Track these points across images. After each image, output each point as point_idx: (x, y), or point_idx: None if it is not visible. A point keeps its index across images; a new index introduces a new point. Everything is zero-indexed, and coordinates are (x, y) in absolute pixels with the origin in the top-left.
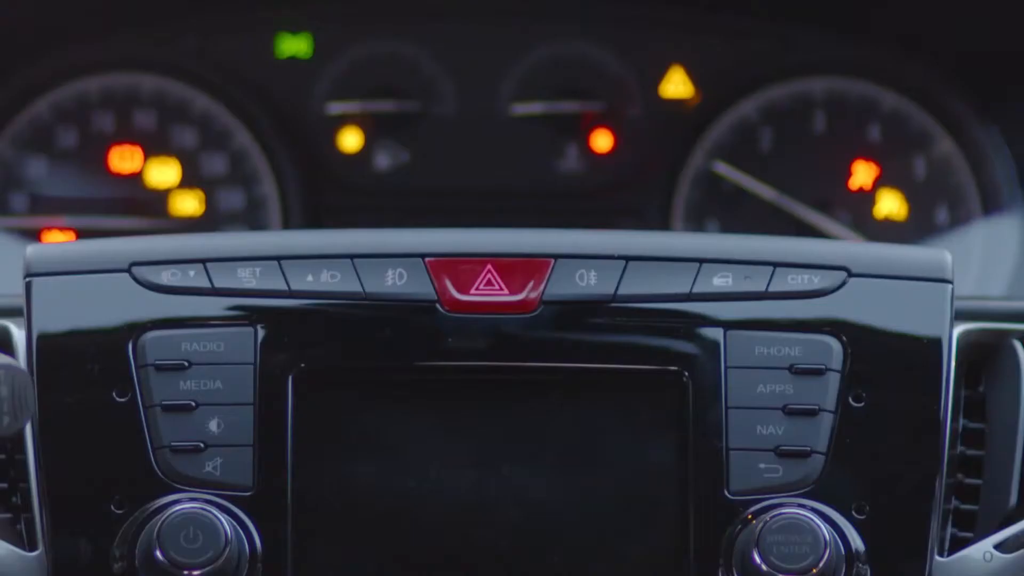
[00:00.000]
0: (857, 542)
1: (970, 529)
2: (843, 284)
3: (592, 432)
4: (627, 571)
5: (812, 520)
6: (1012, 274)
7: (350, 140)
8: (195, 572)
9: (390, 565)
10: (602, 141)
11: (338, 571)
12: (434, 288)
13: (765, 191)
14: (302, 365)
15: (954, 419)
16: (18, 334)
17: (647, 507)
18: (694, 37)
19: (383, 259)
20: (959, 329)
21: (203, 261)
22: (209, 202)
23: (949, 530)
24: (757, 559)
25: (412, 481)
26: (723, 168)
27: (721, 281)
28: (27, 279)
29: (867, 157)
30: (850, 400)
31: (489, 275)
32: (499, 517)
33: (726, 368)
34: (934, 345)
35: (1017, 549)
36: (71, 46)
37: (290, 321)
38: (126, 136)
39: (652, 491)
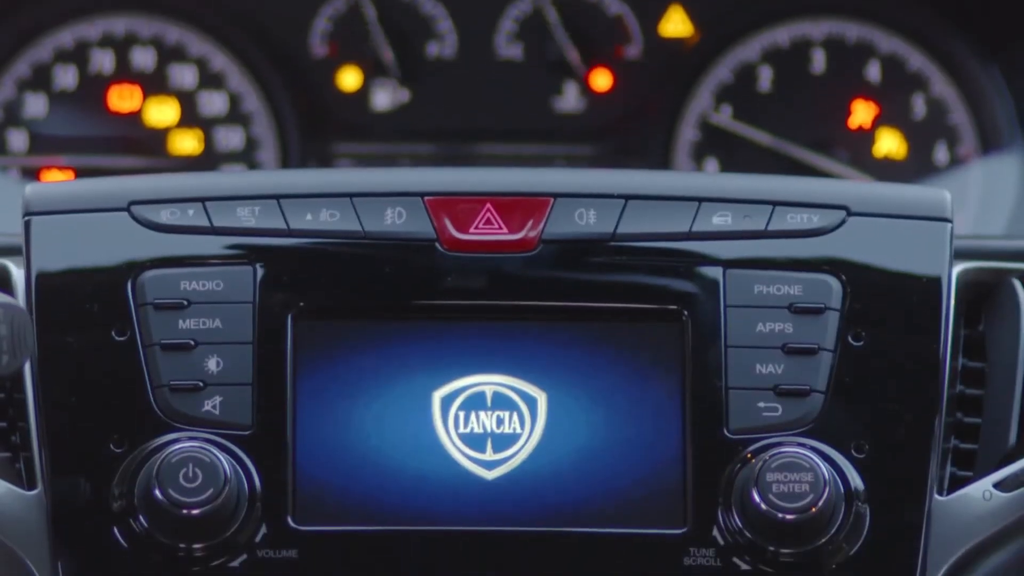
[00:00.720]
0: (856, 481)
1: (969, 468)
2: (842, 223)
3: (591, 371)
4: (625, 510)
5: (811, 459)
6: (1011, 213)
7: (349, 80)
8: (194, 511)
9: (390, 503)
10: (601, 80)
11: (338, 510)
12: (433, 227)
13: (763, 137)
14: (301, 304)
15: (953, 358)
16: (17, 273)
17: (646, 446)
18: None
19: (382, 198)
20: (958, 268)
21: (202, 200)
22: (208, 141)
23: (948, 469)
24: (756, 498)
25: (411, 418)
26: (720, 118)
27: (720, 220)
28: (26, 218)
29: (866, 96)
30: (849, 339)
31: (488, 214)
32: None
33: (725, 307)
34: (933, 284)
35: (1016, 488)
36: None
37: (289, 260)
38: (125, 75)
39: (651, 430)
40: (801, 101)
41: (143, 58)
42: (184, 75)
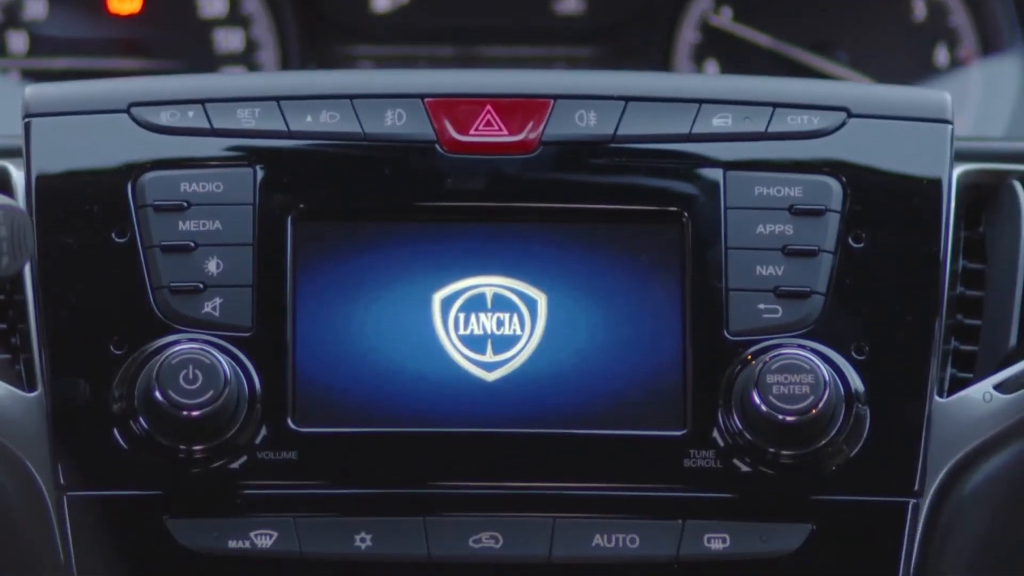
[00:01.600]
0: (856, 382)
1: (970, 370)
2: (843, 125)
3: (591, 273)
4: (625, 411)
5: (812, 360)
6: (1011, 115)
7: None
8: (194, 412)
9: (390, 405)
10: None
11: (338, 411)
12: (433, 128)
13: (763, 39)
14: (301, 205)
15: (953, 259)
16: (17, 175)
17: (646, 348)
18: None
19: (382, 100)
20: (959, 170)
21: (202, 102)
22: (208, 43)
23: (949, 371)
24: (756, 399)
25: (411, 320)
26: (720, 20)
27: (721, 121)
28: (26, 120)
29: None
30: (849, 241)
31: (488, 115)
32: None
33: (725, 208)
34: (933, 185)
35: (1017, 389)
36: None
37: (289, 161)
38: None
39: (651, 332)
40: (802, 3)
41: None
42: None
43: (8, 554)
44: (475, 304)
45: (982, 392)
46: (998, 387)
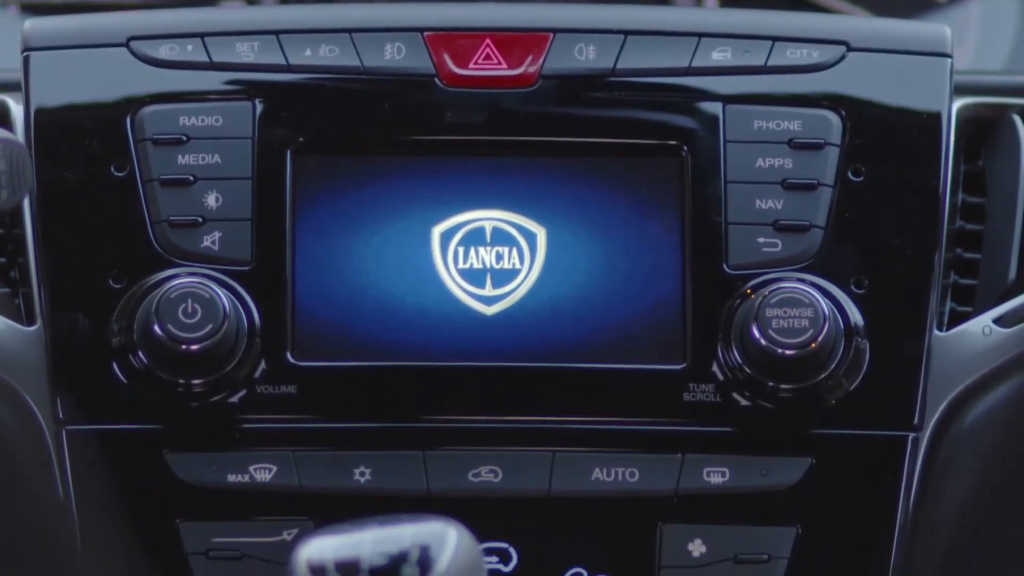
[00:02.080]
0: (856, 316)
1: (969, 304)
2: (842, 58)
3: (590, 207)
4: (625, 345)
5: (811, 294)
6: (1011, 49)
7: None
8: (193, 346)
9: (389, 339)
10: None
11: (337, 345)
12: (432, 62)
13: None
14: (300, 139)
15: (953, 193)
16: (16, 109)
17: (645, 282)
18: None
19: (381, 33)
20: (958, 103)
21: (201, 35)
22: None
23: (948, 305)
24: (756, 333)
25: (411, 254)
26: None
27: (720, 55)
28: (25, 53)
29: None
30: (849, 174)
31: (488, 49)
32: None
33: (725, 142)
34: (933, 119)
35: (1016, 323)
36: None
37: (288, 95)
38: None
39: (651, 265)
40: None
41: None
42: None
43: (8, 489)
44: (474, 238)
45: (981, 326)
46: (997, 321)
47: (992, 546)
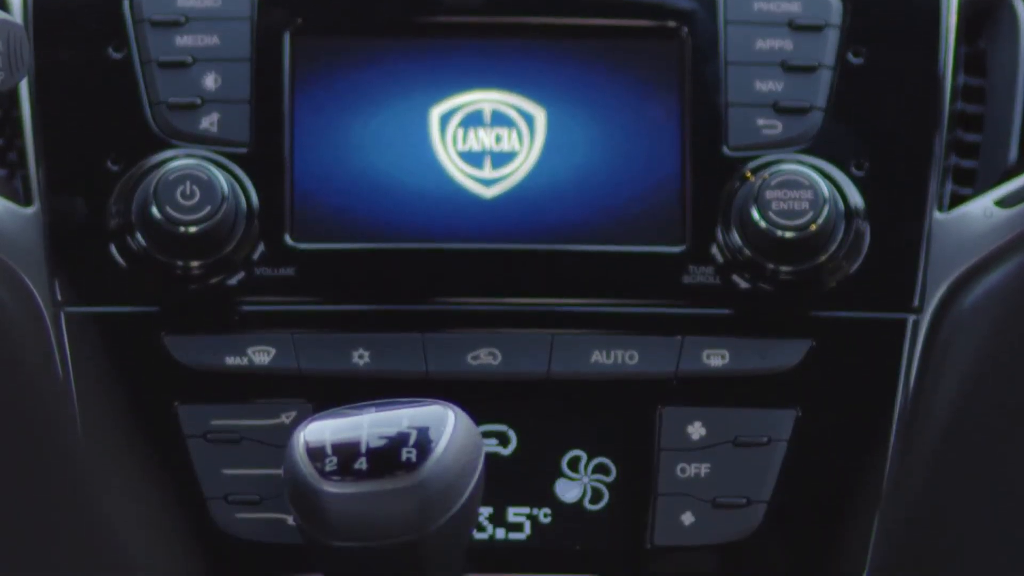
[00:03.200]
0: (856, 198)
1: (970, 186)
2: None
3: (590, 89)
4: (624, 227)
5: (811, 176)
6: None
7: None
8: (191, 228)
9: (388, 220)
10: None
11: (336, 227)
12: None
13: None
14: (299, 20)
15: (953, 74)
16: None
17: (645, 163)
18: None
19: None
20: None
21: None
22: None
23: (949, 186)
24: (756, 215)
25: (410, 135)
26: None
27: None
28: None
29: None
30: (849, 56)
31: None
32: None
33: (725, 23)
34: (933, 0)
35: (1016, 204)
36: None
37: None
38: None
39: (650, 147)
40: None
41: None
42: None
43: (7, 370)
44: (473, 120)
45: (982, 207)
46: (998, 202)
47: (990, 427)
